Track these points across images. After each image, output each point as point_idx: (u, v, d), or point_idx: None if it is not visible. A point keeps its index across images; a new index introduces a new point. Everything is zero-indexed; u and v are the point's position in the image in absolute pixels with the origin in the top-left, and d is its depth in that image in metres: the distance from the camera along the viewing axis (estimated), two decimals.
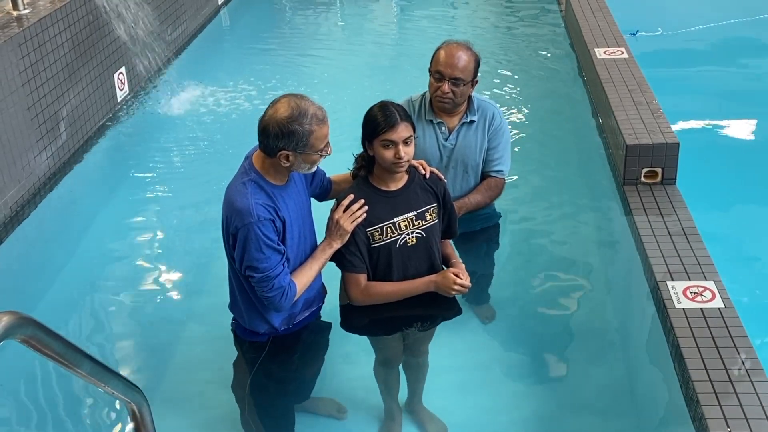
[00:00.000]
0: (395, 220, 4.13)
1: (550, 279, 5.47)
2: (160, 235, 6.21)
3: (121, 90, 8.17)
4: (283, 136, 3.72)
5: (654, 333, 4.57)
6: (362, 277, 4.19)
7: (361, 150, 4.17)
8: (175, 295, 5.54)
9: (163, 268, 5.79)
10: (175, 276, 5.73)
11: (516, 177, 6.23)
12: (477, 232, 5.25)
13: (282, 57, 9.79)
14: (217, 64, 9.45)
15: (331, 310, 4.43)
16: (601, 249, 5.77)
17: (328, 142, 3.85)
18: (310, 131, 3.74)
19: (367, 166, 4.16)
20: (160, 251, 6.00)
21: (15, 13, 6.72)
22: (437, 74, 4.84)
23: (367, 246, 4.14)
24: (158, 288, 5.58)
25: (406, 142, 3.99)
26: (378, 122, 3.98)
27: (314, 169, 3.98)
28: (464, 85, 4.84)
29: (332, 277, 4.33)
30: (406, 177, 4.18)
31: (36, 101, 6.56)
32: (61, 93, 6.96)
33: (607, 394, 4.57)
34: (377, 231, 4.12)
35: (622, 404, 4.52)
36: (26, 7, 6.83)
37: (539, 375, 4.72)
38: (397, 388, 4.40)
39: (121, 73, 8.16)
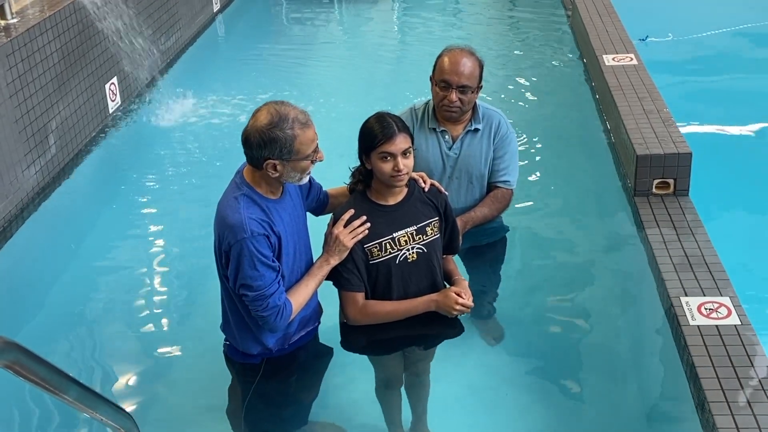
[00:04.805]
0: (394, 235, 4.09)
1: (560, 295, 5.38)
2: (152, 252, 6.10)
3: (112, 101, 8.08)
4: (265, 145, 3.67)
5: (668, 351, 4.48)
6: (360, 296, 4.17)
7: (358, 163, 4.11)
8: (167, 314, 5.42)
9: (155, 286, 5.70)
10: (168, 295, 5.62)
11: (523, 189, 6.15)
12: (483, 247, 5.22)
13: (279, 66, 9.76)
14: (212, 74, 9.41)
15: (327, 330, 4.35)
16: (612, 263, 5.69)
17: (317, 147, 3.79)
18: (293, 136, 3.68)
19: (364, 180, 4.12)
20: (152, 269, 5.90)
21: (3, 22, 6.64)
22: (443, 83, 4.79)
23: (365, 263, 4.11)
24: (150, 307, 5.46)
25: (404, 153, 3.95)
26: (375, 134, 3.94)
27: (306, 179, 3.90)
28: (471, 92, 4.81)
29: (332, 294, 4.26)
30: (405, 190, 4.15)
31: (24, 113, 6.47)
32: (51, 104, 6.87)
33: (619, 415, 4.46)
34: (375, 247, 4.08)
35: (636, 426, 4.40)
36: (14, 16, 6.75)
37: (548, 395, 4.60)
38: (399, 411, 4.30)
39: (112, 83, 8.07)
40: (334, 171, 4.08)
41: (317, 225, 4.25)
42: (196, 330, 5.16)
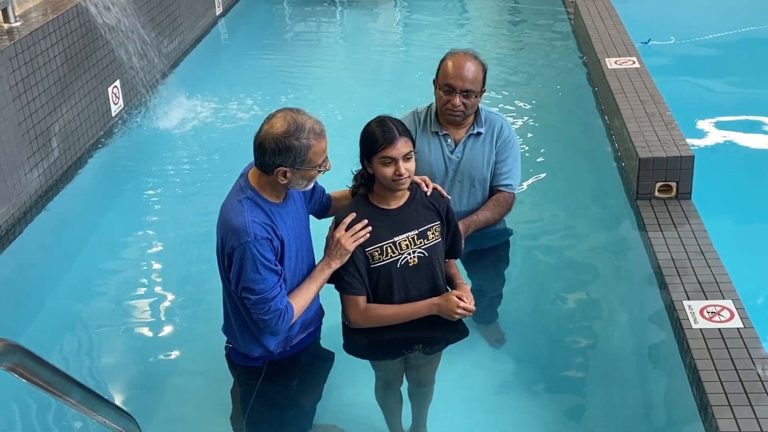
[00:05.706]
0: (396, 239, 4.07)
1: (562, 299, 5.36)
2: (155, 255, 6.09)
3: (115, 104, 8.04)
4: (280, 152, 3.66)
5: (670, 355, 4.46)
6: (361, 299, 4.15)
7: (360, 166, 4.10)
8: (170, 317, 5.41)
9: (158, 289, 5.68)
10: (171, 297, 5.60)
11: (525, 192, 6.12)
12: (486, 250, 5.19)
13: (282, 69, 9.70)
14: (215, 77, 9.36)
15: (329, 332, 4.33)
16: (615, 267, 5.67)
17: (326, 157, 3.80)
18: (308, 146, 3.68)
19: (366, 184, 4.10)
20: (155, 272, 5.89)
21: (6, 25, 6.61)
22: (447, 87, 4.77)
23: (366, 266, 4.09)
24: (153, 310, 5.46)
25: (406, 157, 3.93)
26: (376, 138, 3.93)
27: (311, 185, 3.92)
28: (475, 96, 4.79)
29: (334, 296, 4.24)
30: (407, 194, 4.13)
31: (27, 116, 6.44)
32: (54, 108, 6.84)
33: (621, 418, 4.44)
34: (377, 251, 4.06)
35: (638, 429, 4.39)
36: (17, 19, 6.72)
37: (550, 398, 4.59)
38: (399, 412, 4.30)
39: (115, 86, 8.04)
40: (336, 174, 4.05)
41: (319, 228, 4.23)
42: (198, 332, 5.15)
